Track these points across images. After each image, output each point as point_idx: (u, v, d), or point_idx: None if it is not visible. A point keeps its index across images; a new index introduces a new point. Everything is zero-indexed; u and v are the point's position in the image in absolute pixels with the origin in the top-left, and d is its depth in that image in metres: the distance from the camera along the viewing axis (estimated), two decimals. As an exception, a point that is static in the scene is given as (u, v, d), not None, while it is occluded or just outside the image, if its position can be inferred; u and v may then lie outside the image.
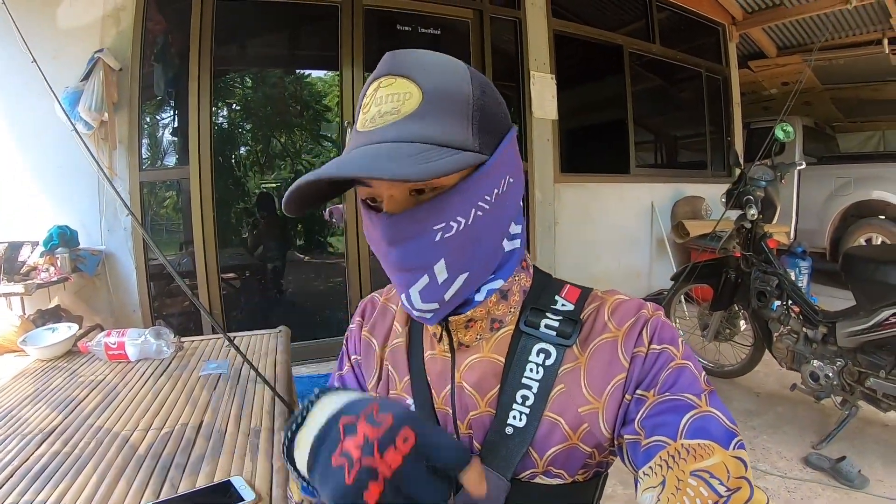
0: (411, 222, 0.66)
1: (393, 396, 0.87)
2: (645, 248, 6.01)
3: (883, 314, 2.49)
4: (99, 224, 3.30)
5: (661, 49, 6.19)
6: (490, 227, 0.71)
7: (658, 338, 0.72)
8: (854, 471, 2.46)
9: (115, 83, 3.18)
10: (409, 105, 0.66)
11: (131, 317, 3.34)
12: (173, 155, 3.91)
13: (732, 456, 0.61)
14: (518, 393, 0.75)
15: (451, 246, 0.67)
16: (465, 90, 0.68)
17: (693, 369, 0.69)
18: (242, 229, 4.54)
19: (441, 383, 0.82)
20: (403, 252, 0.67)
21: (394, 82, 0.68)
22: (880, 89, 8.05)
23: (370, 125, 0.67)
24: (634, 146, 5.96)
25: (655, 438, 0.64)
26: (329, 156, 4.87)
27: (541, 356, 0.76)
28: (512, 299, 0.79)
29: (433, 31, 4.62)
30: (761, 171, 3.12)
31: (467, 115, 0.68)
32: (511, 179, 0.73)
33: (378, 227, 0.68)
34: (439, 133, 0.65)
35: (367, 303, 0.97)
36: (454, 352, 0.80)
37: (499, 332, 0.79)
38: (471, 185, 0.67)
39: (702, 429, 0.63)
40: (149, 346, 1.84)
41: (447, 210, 0.66)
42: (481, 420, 0.78)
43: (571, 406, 0.74)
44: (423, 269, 0.68)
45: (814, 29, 7.05)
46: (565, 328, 0.76)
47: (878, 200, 6.20)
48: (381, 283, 3.58)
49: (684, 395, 0.66)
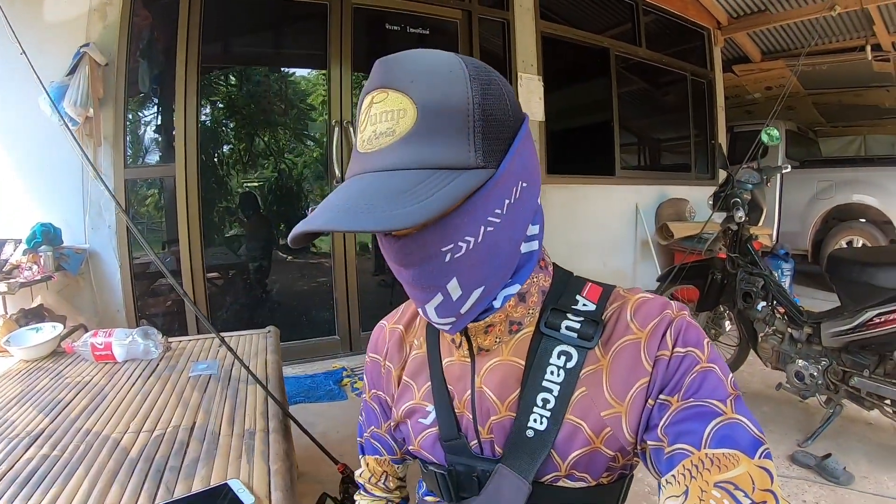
0: (418, 247, 0.65)
1: (414, 404, 0.88)
2: (630, 250, 6.06)
3: (867, 315, 2.52)
4: (83, 222, 3.24)
5: (647, 52, 6.25)
6: (503, 238, 0.69)
7: (683, 340, 0.70)
8: (839, 468, 2.49)
9: (100, 78, 3.12)
10: (403, 124, 0.63)
11: (115, 317, 3.29)
12: (159, 152, 3.86)
13: (758, 466, 0.59)
14: (539, 396, 0.74)
15: (462, 265, 0.66)
16: (463, 99, 0.64)
17: (719, 372, 0.68)
18: (226, 228, 4.49)
19: (461, 388, 0.82)
20: (415, 273, 0.67)
21: (386, 97, 0.65)
22: (862, 95, 8.22)
23: (367, 147, 0.65)
24: (620, 148, 6.00)
25: (679, 446, 0.63)
26: (312, 156, 4.86)
27: (562, 358, 0.75)
28: (530, 301, 0.78)
29: (422, 31, 4.62)
30: (748, 174, 3.15)
31: (467, 127, 0.64)
32: (524, 184, 0.71)
33: (388, 250, 0.68)
34: (437, 155, 0.63)
35: (377, 336, 0.99)
36: (474, 357, 0.80)
37: (518, 334, 0.78)
38: (478, 203, 0.65)
39: (727, 437, 0.61)
40: (136, 346, 1.80)
41: (454, 232, 0.64)
42: (502, 424, 0.78)
43: (594, 410, 0.72)
44: (437, 289, 0.68)
45: (798, 35, 7.16)
46: (587, 329, 0.75)
47: (858, 204, 6.32)
48: (367, 283, 3.56)
49: (709, 401, 0.65)
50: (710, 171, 7.01)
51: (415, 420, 0.87)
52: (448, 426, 0.82)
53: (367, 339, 1.03)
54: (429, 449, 0.86)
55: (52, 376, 1.65)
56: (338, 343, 4.16)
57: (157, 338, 1.86)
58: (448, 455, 0.83)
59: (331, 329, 4.22)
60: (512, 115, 0.69)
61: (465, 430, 0.82)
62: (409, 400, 0.88)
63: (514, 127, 0.70)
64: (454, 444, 0.82)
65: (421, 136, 0.63)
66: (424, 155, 0.62)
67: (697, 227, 5.42)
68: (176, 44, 3.44)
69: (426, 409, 0.85)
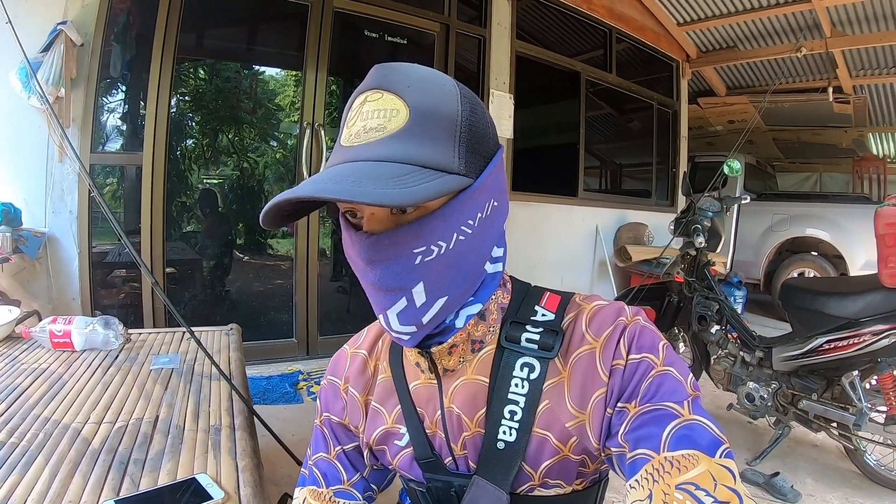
0: (391, 244, 0.65)
1: (387, 429, 0.88)
2: (588, 270, 6.16)
3: (817, 341, 2.65)
4: (44, 204, 3.13)
5: (617, 79, 6.40)
6: (471, 251, 0.70)
7: (637, 346, 0.71)
8: (787, 486, 2.60)
9: (75, 58, 3.03)
10: (395, 122, 0.65)
11: (70, 305, 3.18)
12: (126, 139, 3.77)
13: (719, 464, 0.60)
14: (505, 408, 0.75)
15: (430, 269, 0.67)
16: (453, 110, 0.68)
17: (676, 374, 0.68)
18: (185, 223, 4.42)
19: (431, 409, 0.82)
20: (382, 273, 0.66)
21: (381, 97, 0.67)
22: (821, 134, 8.56)
23: (355, 140, 0.67)
24: (584, 170, 6.11)
25: (639, 451, 0.64)
26: (275, 157, 4.83)
27: (525, 370, 0.75)
28: (490, 318, 0.79)
29: (400, 41, 4.64)
30: (709, 203, 3.25)
31: (454, 136, 0.67)
32: (495, 203, 0.73)
33: (356, 246, 0.67)
34: (424, 154, 0.65)
35: (338, 359, 0.98)
36: (440, 378, 0.81)
37: (480, 352, 0.79)
38: (454, 209, 0.66)
39: (685, 438, 0.62)
40: (96, 335, 1.77)
41: (428, 234, 0.65)
42: (474, 440, 0.79)
43: (558, 422, 0.74)
44: (402, 291, 0.67)
45: (763, 73, 7.42)
46: (546, 340, 0.76)
47: (811, 238, 6.58)
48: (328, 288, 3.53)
49: (666, 404, 0.65)
50: (670, 198, 7.19)
51: (390, 443, 0.88)
52: (421, 446, 0.84)
53: (324, 344, 1.03)
54: (406, 468, 0.87)
55: (6, 361, 1.60)
56: (295, 346, 4.12)
57: (117, 328, 1.82)
58: (425, 473, 0.84)
59: (288, 332, 4.17)
60: (491, 138, 0.73)
61: (438, 448, 0.83)
62: (381, 425, 0.88)
63: (492, 151, 0.73)
64: (429, 463, 0.84)
65: (410, 135, 0.65)
66: (412, 152, 0.64)
67: (655, 252, 5.54)
68: (154, 31, 3.37)
69: (400, 431, 0.86)
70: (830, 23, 5.93)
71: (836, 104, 7.24)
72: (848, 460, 2.83)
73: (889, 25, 5.81)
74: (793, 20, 6.16)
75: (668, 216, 6.65)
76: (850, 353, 2.53)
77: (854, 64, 6.73)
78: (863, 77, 6.93)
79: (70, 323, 1.75)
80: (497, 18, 5.06)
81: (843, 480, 2.76)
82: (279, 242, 4.90)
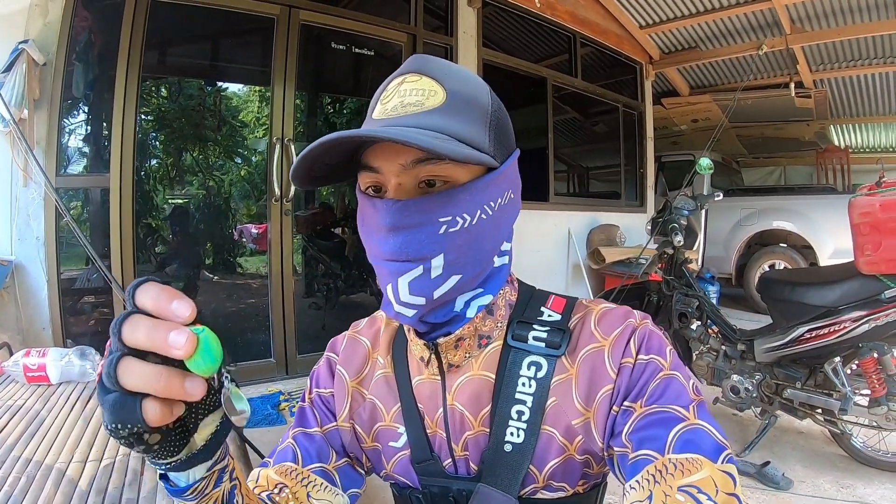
0: (418, 210, 0.66)
1: (383, 426, 0.85)
2: (562, 274, 6.18)
3: (798, 331, 2.70)
4: (9, 232, 3.01)
5: (583, 83, 6.46)
6: (489, 234, 0.72)
7: (646, 347, 0.72)
8: (779, 474, 2.66)
9: (37, 78, 2.93)
10: (432, 101, 0.68)
11: (40, 334, 3.06)
12: (92, 161, 3.66)
13: (721, 470, 0.60)
14: (513, 409, 0.74)
15: (452, 242, 0.67)
16: (486, 101, 0.73)
17: (682, 379, 0.69)
18: (153, 245, 4.34)
19: (432, 407, 0.80)
20: (406, 239, 0.66)
21: (419, 79, 0.70)
22: (783, 128, 8.77)
23: (391, 113, 0.68)
24: (554, 175, 6.14)
25: (643, 452, 0.64)
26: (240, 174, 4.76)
27: (532, 369, 0.75)
28: (498, 314, 0.79)
29: (367, 52, 4.62)
30: (684, 202, 3.29)
31: (486, 122, 0.71)
32: (512, 195, 0.75)
33: (381, 213, 0.67)
34: (460, 129, 0.67)
35: (340, 338, 0.94)
36: (444, 374, 0.79)
37: (487, 348, 0.78)
38: (480, 187, 0.69)
39: (690, 442, 0.62)
40: (72, 367, 1.70)
41: (455, 205, 0.67)
42: (476, 440, 0.78)
43: (564, 419, 0.73)
44: (421, 260, 0.67)
45: (725, 71, 7.56)
46: (554, 338, 0.76)
47: (779, 230, 6.72)
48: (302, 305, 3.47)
49: (672, 406, 0.66)
50: (639, 198, 7.27)
51: (386, 443, 0.85)
52: (420, 447, 0.81)
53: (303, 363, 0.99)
54: (402, 472, 0.84)
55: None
56: (273, 366, 4.01)
57: (94, 358, 1.76)
58: (421, 477, 0.82)
59: (266, 352, 4.06)
60: (512, 136, 0.77)
61: (437, 449, 0.81)
62: (378, 421, 0.85)
63: (512, 147, 0.77)
64: (427, 466, 0.81)
65: (447, 113, 0.68)
66: (449, 126, 0.67)
67: (628, 252, 5.60)
68: (117, 49, 3.28)
69: (397, 430, 0.84)
70: (790, 19, 6.06)
71: (797, 99, 7.42)
72: (835, 444, 2.90)
73: (847, 20, 5.97)
74: (753, 19, 6.29)
75: (638, 216, 6.74)
76: (832, 340, 2.59)
77: (814, 59, 6.90)
78: (823, 71, 7.11)
79: (44, 355, 1.69)
80: (463, 27, 5.07)
81: (832, 464, 2.83)
82: (247, 261, 4.85)
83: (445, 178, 0.67)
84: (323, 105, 5.76)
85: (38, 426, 1.35)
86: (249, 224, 4.82)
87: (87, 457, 1.20)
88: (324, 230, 4.97)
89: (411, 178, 0.67)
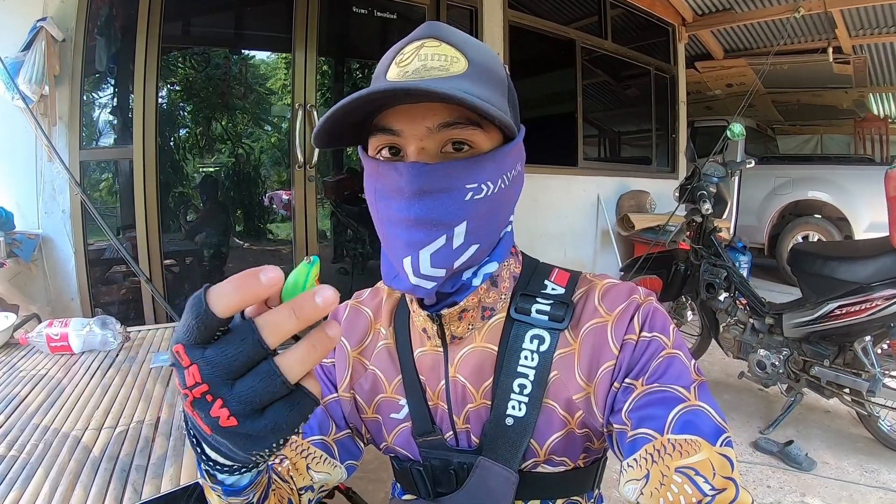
0: (445, 175, 0.64)
1: (384, 398, 0.85)
2: (590, 240, 6.10)
3: (828, 307, 2.61)
4: (36, 206, 3.08)
5: (613, 45, 6.27)
6: (505, 203, 0.72)
7: (649, 325, 0.71)
8: (802, 454, 2.60)
9: (56, 54, 2.95)
10: (456, 67, 0.66)
11: (69, 305, 3.15)
12: (115, 134, 3.70)
13: (719, 453, 0.60)
14: (515, 382, 0.74)
15: (476, 210, 0.66)
16: (502, 72, 0.72)
17: (684, 359, 0.69)
18: (182, 214, 4.38)
19: (434, 379, 0.80)
20: (431, 205, 0.64)
21: (440, 45, 0.67)
22: (820, 95, 8.45)
23: (414, 76, 0.66)
24: (583, 139, 6.02)
25: (642, 431, 0.64)
26: (270, 141, 4.75)
27: (535, 342, 0.75)
28: (502, 286, 0.78)
29: (389, 16, 4.54)
30: (713, 168, 3.21)
31: (504, 92, 0.71)
32: (519, 167, 0.74)
33: (406, 176, 0.64)
34: (484, 95, 0.65)
35: (343, 307, 0.93)
36: (446, 346, 0.78)
37: (490, 320, 0.78)
38: (503, 154, 0.68)
39: (689, 423, 0.62)
40: (94, 337, 1.74)
41: (480, 171, 0.66)
42: (478, 412, 0.77)
43: (565, 393, 0.73)
44: (445, 228, 0.66)
45: (761, 35, 7.29)
46: (557, 312, 0.75)
47: (814, 200, 6.50)
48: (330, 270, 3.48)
49: (673, 386, 0.66)
50: (671, 164, 7.10)
51: (387, 415, 0.85)
52: (422, 419, 0.81)
53: None
54: (403, 445, 0.85)
55: (4, 370, 1.58)
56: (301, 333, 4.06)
57: (115, 327, 1.80)
58: (422, 450, 0.82)
59: (294, 318, 4.11)
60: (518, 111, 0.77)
61: (439, 421, 0.81)
62: (380, 392, 0.85)
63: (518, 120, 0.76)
64: (428, 438, 0.81)
65: (471, 80, 0.66)
66: (474, 90, 0.64)
67: (658, 219, 5.49)
68: (136, 22, 3.27)
69: (399, 402, 0.84)
70: (829, -20, 5.79)
71: (835, 65, 7.12)
72: (861, 426, 2.82)
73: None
74: (790, -21, 6.02)
75: (669, 183, 6.60)
76: (862, 318, 2.50)
77: (853, 23, 6.58)
78: (862, 37, 6.78)
79: (66, 325, 1.72)
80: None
81: (857, 447, 2.76)
82: (278, 227, 4.86)
83: (472, 143, 0.67)
84: (348, 70, 5.72)
85: (59, 395, 1.39)
86: (280, 191, 4.84)
87: (102, 424, 1.23)
88: (351, 196, 4.95)
89: (435, 142, 0.66)
